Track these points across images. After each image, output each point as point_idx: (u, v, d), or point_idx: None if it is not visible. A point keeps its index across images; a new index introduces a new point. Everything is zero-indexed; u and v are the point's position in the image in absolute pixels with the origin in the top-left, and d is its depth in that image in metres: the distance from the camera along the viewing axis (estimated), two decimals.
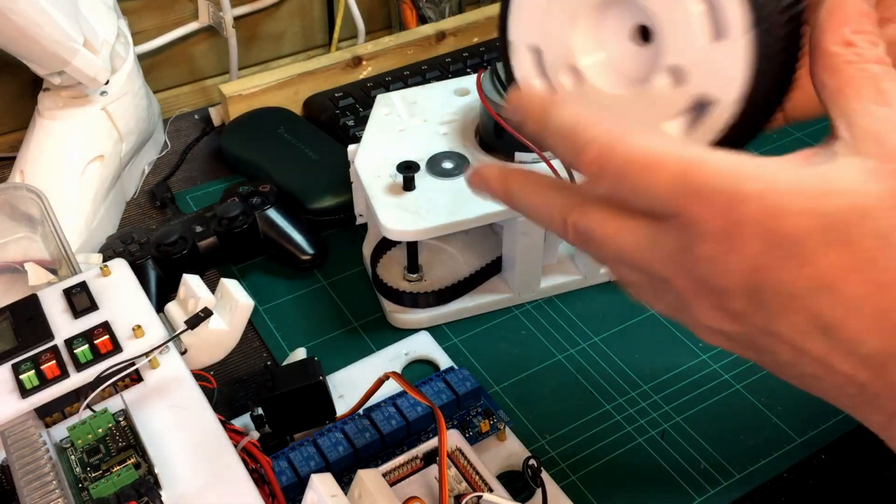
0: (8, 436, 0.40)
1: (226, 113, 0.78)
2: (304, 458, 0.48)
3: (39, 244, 0.56)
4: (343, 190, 0.66)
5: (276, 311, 0.62)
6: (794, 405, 0.55)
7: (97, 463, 0.40)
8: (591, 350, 0.59)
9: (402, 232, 0.55)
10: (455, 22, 0.86)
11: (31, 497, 0.37)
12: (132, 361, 0.44)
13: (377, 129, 0.63)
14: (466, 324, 0.61)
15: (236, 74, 0.85)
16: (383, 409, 0.51)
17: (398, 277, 0.62)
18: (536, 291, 0.62)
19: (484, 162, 0.59)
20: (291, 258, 0.64)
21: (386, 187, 0.57)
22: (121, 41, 0.69)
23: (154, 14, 0.81)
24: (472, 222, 0.56)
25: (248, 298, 0.51)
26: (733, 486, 0.51)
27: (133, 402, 0.42)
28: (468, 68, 0.80)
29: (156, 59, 0.83)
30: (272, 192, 0.65)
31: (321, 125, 0.76)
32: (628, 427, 0.54)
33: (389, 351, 0.58)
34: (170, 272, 0.61)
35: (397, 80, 0.79)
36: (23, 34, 0.58)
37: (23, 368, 0.44)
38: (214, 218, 0.63)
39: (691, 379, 0.56)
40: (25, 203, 0.56)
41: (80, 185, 0.65)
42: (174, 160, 0.77)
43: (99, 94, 0.67)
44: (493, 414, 0.52)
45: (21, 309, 0.48)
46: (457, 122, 0.63)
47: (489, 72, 0.59)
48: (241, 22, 0.84)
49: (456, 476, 0.47)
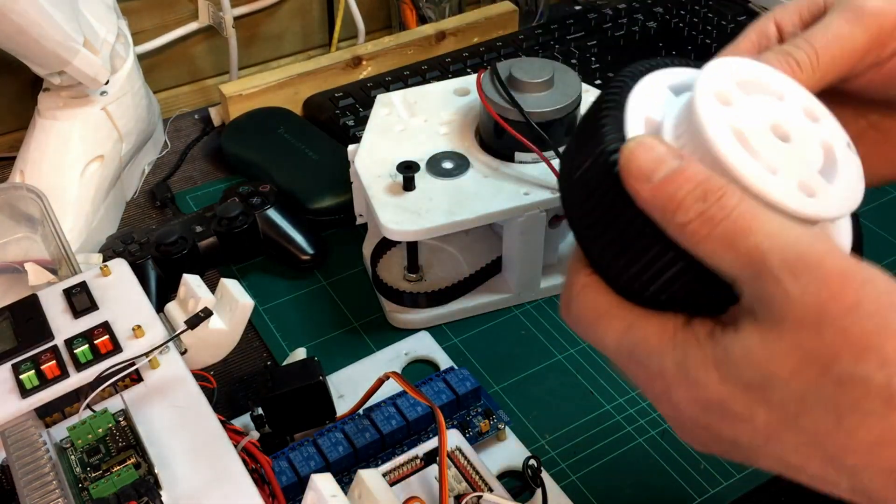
0: (8, 436, 0.40)
1: (226, 113, 0.78)
2: (304, 458, 0.48)
3: (39, 244, 0.56)
4: (343, 190, 0.66)
5: (276, 311, 0.62)
6: None
7: (97, 463, 0.40)
8: (591, 350, 0.59)
9: (402, 232, 0.55)
10: (455, 22, 0.86)
11: (31, 497, 0.37)
12: (132, 361, 0.44)
13: (377, 129, 0.63)
14: (466, 324, 0.61)
15: (236, 74, 0.85)
16: (383, 409, 0.51)
17: (398, 277, 0.62)
18: (536, 291, 0.62)
19: (484, 161, 0.59)
20: (291, 258, 0.64)
21: (386, 187, 0.57)
22: (121, 41, 0.69)
23: (154, 14, 0.81)
24: (472, 222, 0.56)
25: (248, 298, 0.51)
26: (733, 486, 0.51)
27: (133, 402, 0.42)
28: (468, 68, 0.80)
29: (156, 59, 0.83)
30: (272, 192, 0.65)
31: (321, 125, 0.76)
32: (628, 427, 0.54)
33: (389, 351, 0.58)
34: (170, 272, 0.61)
35: (397, 80, 0.79)
36: (23, 34, 0.58)
37: (23, 368, 0.44)
38: (214, 218, 0.63)
39: None
40: (25, 203, 0.56)
41: (80, 185, 0.65)
42: (174, 160, 0.77)
43: (99, 94, 0.67)
44: (493, 414, 0.52)
45: (21, 309, 0.48)
46: (457, 122, 0.63)
47: (489, 72, 0.59)
48: (241, 22, 0.84)
49: (456, 476, 0.47)
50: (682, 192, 0.30)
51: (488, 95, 0.58)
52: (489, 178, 0.58)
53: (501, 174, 0.58)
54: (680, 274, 0.31)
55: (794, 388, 0.29)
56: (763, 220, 0.29)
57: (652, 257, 0.31)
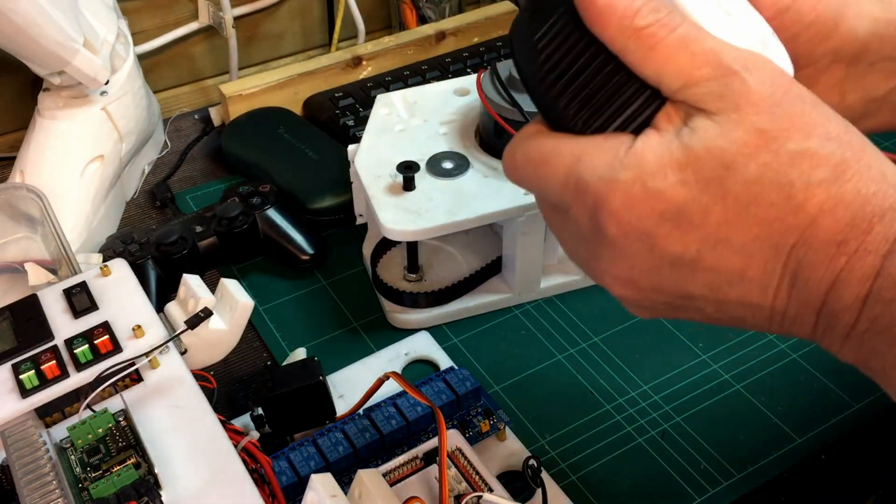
0: (8, 436, 0.40)
1: (226, 113, 0.78)
2: (304, 458, 0.48)
3: (39, 244, 0.56)
4: (343, 190, 0.66)
5: (276, 311, 0.62)
6: (794, 405, 0.55)
7: (97, 463, 0.40)
8: (591, 350, 0.59)
9: (402, 232, 0.55)
10: (455, 22, 0.86)
11: (31, 497, 0.37)
12: (132, 361, 0.44)
13: (377, 129, 0.63)
14: (466, 324, 0.61)
15: (236, 74, 0.85)
16: (383, 409, 0.51)
17: (398, 277, 0.62)
18: (536, 291, 0.62)
19: (484, 161, 0.59)
20: (291, 258, 0.64)
21: (386, 187, 0.57)
22: (121, 41, 0.69)
23: (154, 14, 0.81)
24: (472, 222, 0.56)
25: (248, 298, 0.51)
26: (733, 486, 0.51)
27: (133, 402, 0.42)
28: (468, 68, 0.80)
29: (156, 59, 0.83)
30: (272, 192, 0.65)
31: (321, 125, 0.76)
32: (628, 427, 0.54)
33: (389, 351, 0.58)
34: (170, 272, 0.61)
35: (397, 80, 0.79)
36: (23, 34, 0.58)
37: (23, 368, 0.44)
38: (214, 218, 0.63)
39: (691, 379, 0.56)
40: (25, 203, 0.56)
41: (80, 185, 0.65)
42: (174, 160, 0.77)
43: (99, 94, 0.67)
44: (493, 414, 0.52)
45: (21, 309, 0.48)
46: (457, 122, 0.63)
47: (489, 72, 0.59)
48: (241, 22, 0.84)
49: (456, 476, 0.47)
50: (638, 2, 0.33)
51: (488, 95, 0.58)
52: (489, 178, 0.58)
53: (501, 174, 0.58)
54: (621, 84, 0.33)
55: (751, 171, 0.31)
56: (709, 35, 0.33)
57: (602, 76, 0.34)
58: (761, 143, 0.31)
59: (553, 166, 0.35)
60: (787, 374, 0.56)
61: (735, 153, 0.31)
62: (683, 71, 0.32)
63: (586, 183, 0.34)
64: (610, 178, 0.33)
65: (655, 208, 0.32)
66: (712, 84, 0.32)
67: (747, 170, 0.31)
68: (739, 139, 0.31)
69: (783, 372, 0.56)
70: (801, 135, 0.31)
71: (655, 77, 0.33)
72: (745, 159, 0.31)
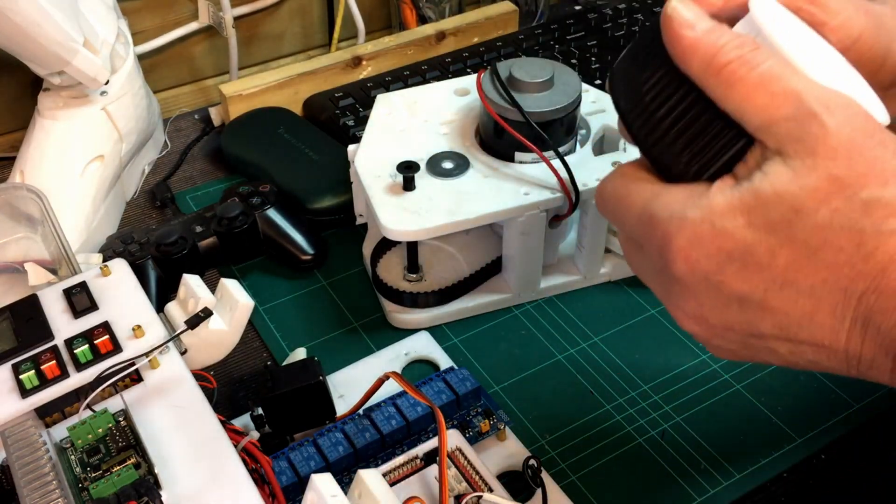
0: (8, 436, 0.40)
1: (226, 113, 0.78)
2: (304, 458, 0.48)
3: (39, 244, 0.56)
4: (343, 190, 0.66)
5: (276, 311, 0.62)
6: (794, 405, 0.55)
7: (97, 463, 0.40)
8: (591, 350, 0.59)
9: (402, 232, 0.55)
10: (455, 22, 0.86)
11: (31, 497, 0.37)
12: (132, 361, 0.44)
13: (377, 129, 0.63)
14: (466, 324, 0.61)
15: (236, 74, 0.85)
16: (383, 409, 0.51)
17: (398, 277, 0.62)
18: (536, 291, 0.62)
19: (485, 161, 0.59)
20: (291, 258, 0.64)
21: (386, 187, 0.57)
22: (121, 41, 0.69)
23: (154, 14, 0.81)
24: (472, 222, 0.56)
25: (248, 298, 0.51)
26: (733, 486, 0.51)
27: (133, 402, 0.42)
28: (468, 68, 0.80)
29: (156, 59, 0.83)
30: (272, 192, 0.65)
31: (321, 125, 0.76)
32: (628, 427, 0.54)
33: (389, 351, 0.58)
34: (170, 272, 0.61)
35: (397, 80, 0.79)
36: (23, 34, 0.58)
37: (23, 368, 0.44)
38: (214, 218, 0.63)
39: (691, 379, 0.56)
40: (25, 203, 0.56)
41: (80, 185, 0.65)
42: (174, 160, 0.77)
43: (99, 94, 0.67)
44: (493, 414, 0.52)
45: (21, 309, 0.48)
46: (457, 122, 0.63)
47: (489, 72, 0.59)
48: (241, 22, 0.84)
49: (456, 476, 0.47)
50: (723, 39, 0.33)
51: (488, 95, 0.58)
52: (489, 178, 0.58)
53: (501, 174, 0.58)
54: (707, 123, 0.34)
55: (821, 217, 0.31)
56: (794, 72, 0.33)
57: (690, 115, 0.34)
58: (833, 190, 0.31)
59: (632, 200, 0.36)
60: (787, 374, 0.56)
61: (805, 198, 0.31)
62: (762, 110, 0.32)
63: (658, 219, 0.34)
64: (680, 217, 0.33)
65: (722, 247, 0.33)
66: (791, 125, 0.32)
67: (817, 214, 0.31)
68: (811, 185, 0.31)
69: (783, 372, 0.56)
70: (877, 182, 0.31)
71: (737, 115, 0.33)
72: (815, 204, 0.31)
